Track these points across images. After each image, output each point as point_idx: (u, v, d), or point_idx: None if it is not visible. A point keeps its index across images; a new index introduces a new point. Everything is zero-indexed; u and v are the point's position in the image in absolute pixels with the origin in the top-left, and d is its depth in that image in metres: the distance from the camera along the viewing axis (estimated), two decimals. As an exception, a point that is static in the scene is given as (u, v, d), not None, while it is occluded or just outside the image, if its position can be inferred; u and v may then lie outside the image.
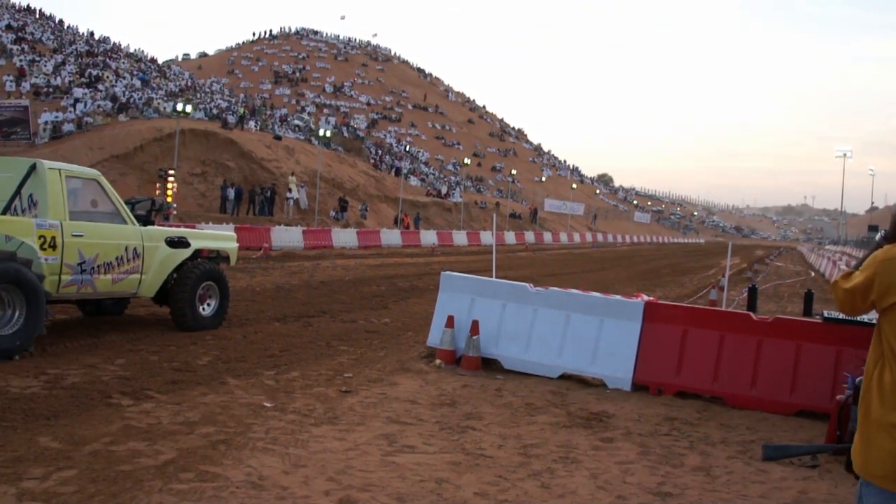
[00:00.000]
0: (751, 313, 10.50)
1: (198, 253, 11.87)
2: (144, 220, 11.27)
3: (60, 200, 9.83)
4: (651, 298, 10.64)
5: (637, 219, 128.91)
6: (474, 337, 9.91)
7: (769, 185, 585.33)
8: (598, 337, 9.68)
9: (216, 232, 13.47)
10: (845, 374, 7.85)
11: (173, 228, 13.03)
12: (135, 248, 10.72)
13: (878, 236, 3.29)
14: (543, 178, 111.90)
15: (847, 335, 8.56)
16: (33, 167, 9.82)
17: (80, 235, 9.93)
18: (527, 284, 10.56)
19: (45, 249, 9.48)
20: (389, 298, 17.61)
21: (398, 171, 70.47)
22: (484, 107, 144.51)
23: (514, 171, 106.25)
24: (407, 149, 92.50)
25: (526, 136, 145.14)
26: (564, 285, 14.33)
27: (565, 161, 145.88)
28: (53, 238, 9.59)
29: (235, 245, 12.99)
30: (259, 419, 7.02)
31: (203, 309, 11.74)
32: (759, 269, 40.60)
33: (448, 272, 11.04)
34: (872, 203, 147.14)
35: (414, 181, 74.11)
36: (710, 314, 10.36)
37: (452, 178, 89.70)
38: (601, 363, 9.58)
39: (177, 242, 11.44)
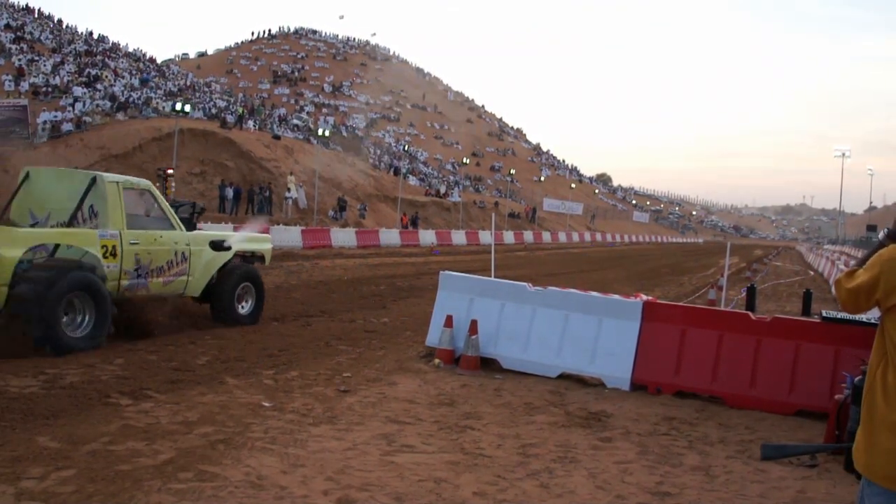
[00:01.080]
0: (749, 313, 10.50)
1: (237, 255, 12.66)
2: (187, 224, 11.97)
3: (119, 211, 10.60)
4: (650, 298, 10.64)
5: (636, 218, 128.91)
6: (473, 336, 9.91)
7: (768, 185, 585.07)
8: (596, 336, 9.68)
9: (253, 234, 14.59)
10: (844, 373, 7.87)
11: (215, 232, 13.88)
12: (182, 252, 11.51)
13: (881, 234, 3.28)
14: (542, 178, 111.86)
15: (846, 335, 8.57)
16: (94, 180, 10.55)
17: (136, 243, 10.72)
18: (525, 284, 10.56)
19: (107, 258, 10.25)
20: (388, 298, 17.62)
21: (397, 171, 70.46)
22: (483, 106, 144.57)
23: (512, 171, 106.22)
24: (406, 148, 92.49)
25: (525, 135, 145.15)
26: (563, 285, 14.32)
27: (564, 161, 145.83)
28: (114, 247, 10.39)
29: (270, 246, 13.93)
30: (258, 419, 7.03)
31: (241, 307, 12.43)
32: (757, 268, 40.61)
33: (447, 272, 11.04)
34: (871, 203, 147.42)
35: (413, 181, 74.11)
36: (708, 314, 10.37)
37: (451, 177, 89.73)
38: (600, 363, 9.58)
39: (219, 245, 12.19)
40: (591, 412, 8.17)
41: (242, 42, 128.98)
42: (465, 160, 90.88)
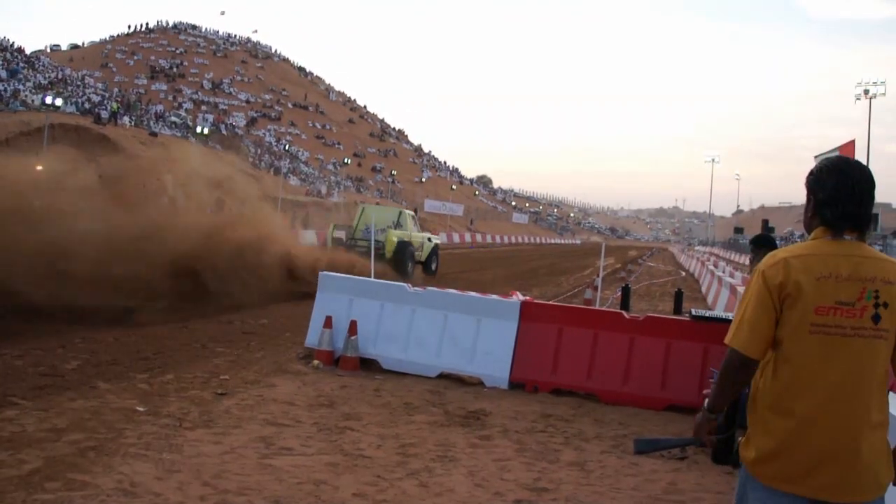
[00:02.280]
0: (623, 312, 10.80)
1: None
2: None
3: (410, 224, 24.33)
4: (527, 298, 10.80)
5: (515, 219, 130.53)
6: (353, 337, 9.87)
7: (643, 188, 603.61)
8: (475, 336, 9.77)
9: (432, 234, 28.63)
10: (711, 369, 8.16)
11: (427, 233, 27.40)
12: (422, 241, 24.93)
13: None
14: (423, 179, 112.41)
15: (714, 332, 8.87)
16: (400, 213, 24.98)
17: (415, 237, 24.19)
18: (405, 284, 10.63)
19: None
20: (267, 298, 17.27)
21: (277, 171, 69.55)
22: (365, 107, 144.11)
23: (394, 172, 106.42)
24: (287, 148, 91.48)
25: (406, 136, 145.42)
26: (443, 285, 14.40)
27: (445, 162, 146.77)
28: (410, 238, 23.66)
29: (439, 238, 29.73)
30: (131, 424, 6.81)
31: (432, 267, 25.72)
32: (632, 269, 41.71)
33: (326, 272, 10.97)
34: (738, 206, 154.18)
35: (294, 181, 73.29)
36: (584, 313, 10.61)
37: (332, 177, 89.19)
38: (479, 362, 9.68)
39: (430, 239, 25.78)
40: (470, 411, 8.25)
41: (118, 35, 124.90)
42: (346, 160, 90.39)
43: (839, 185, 3.02)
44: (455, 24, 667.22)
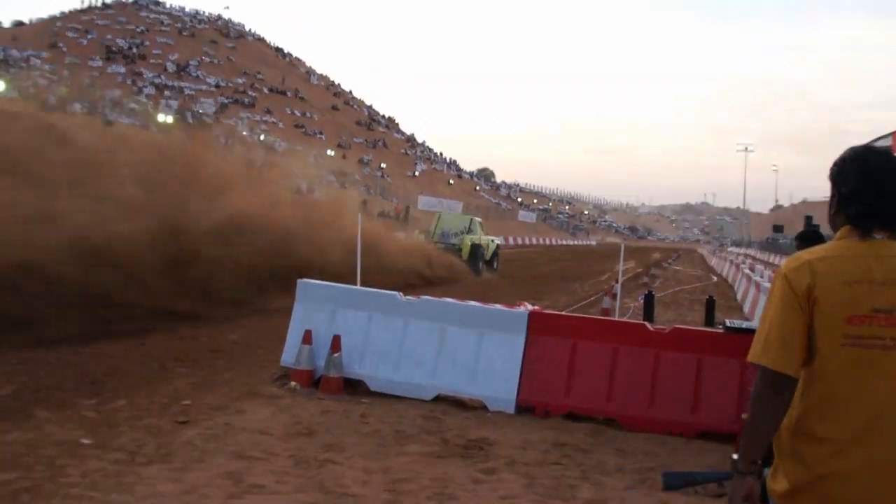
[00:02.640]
0: (647, 323, 10.72)
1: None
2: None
3: (479, 230, 34.42)
4: (536, 308, 10.70)
5: (521, 218, 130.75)
6: (336, 355, 9.78)
7: (666, 182, 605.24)
8: (477, 352, 9.71)
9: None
10: (751, 389, 8.02)
11: (492, 237, 37.22)
12: (488, 244, 34.16)
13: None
14: (417, 173, 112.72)
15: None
16: (472, 220, 35.22)
17: (483, 240, 33.77)
18: (396, 293, 10.51)
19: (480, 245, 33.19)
20: (238, 310, 17.18)
21: (251, 164, 69.72)
22: (350, 92, 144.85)
23: (383, 165, 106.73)
24: (262, 138, 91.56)
25: (397, 124, 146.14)
26: (439, 293, 14.29)
27: (441, 153, 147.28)
28: (479, 241, 32.83)
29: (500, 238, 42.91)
30: (75, 460, 6.68)
31: (494, 264, 34.02)
32: (656, 273, 41.75)
33: (305, 279, 10.87)
34: (777, 201, 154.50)
35: (270, 175, 73.51)
36: (602, 325, 10.54)
37: (314, 171, 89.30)
38: (481, 382, 9.60)
39: (493, 241, 35.28)
40: (471, 440, 8.16)
41: (70, 11, 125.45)
42: (329, 152, 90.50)
43: (862, 178, 2.96)
44: (446, 3, 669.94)
